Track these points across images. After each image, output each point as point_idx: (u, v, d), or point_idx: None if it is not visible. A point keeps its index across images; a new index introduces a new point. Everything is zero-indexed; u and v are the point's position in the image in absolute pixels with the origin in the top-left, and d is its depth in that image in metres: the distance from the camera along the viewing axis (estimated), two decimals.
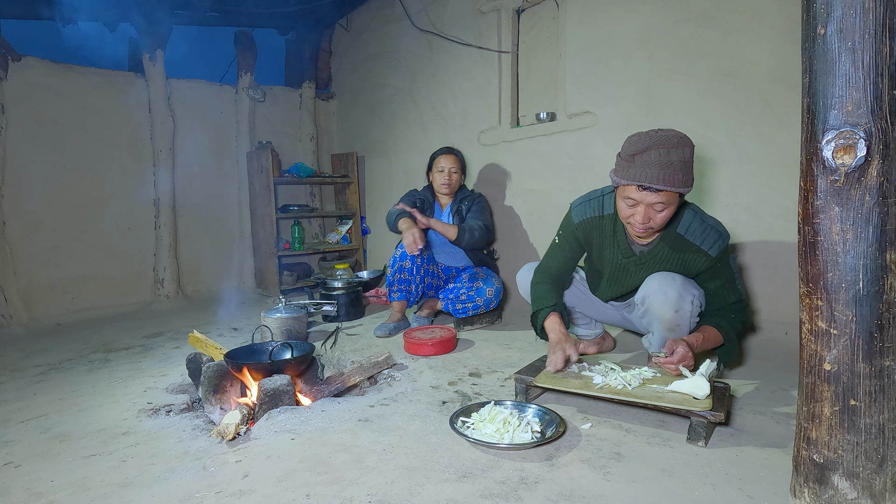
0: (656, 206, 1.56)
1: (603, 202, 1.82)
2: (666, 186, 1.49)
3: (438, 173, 2.91)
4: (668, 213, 1.58)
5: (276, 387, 1.73)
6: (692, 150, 1.52)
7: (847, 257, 0.93)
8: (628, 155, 1.54)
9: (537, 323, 1.90)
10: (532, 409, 1.59)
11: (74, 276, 3.54)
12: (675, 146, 1.48)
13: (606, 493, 1.20)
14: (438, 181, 2.91)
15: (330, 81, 4.75)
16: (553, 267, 1.98)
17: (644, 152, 1.50)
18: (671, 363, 1.58)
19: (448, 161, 2.90)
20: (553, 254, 1.98)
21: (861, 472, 0.96)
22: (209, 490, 1.26)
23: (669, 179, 1.48)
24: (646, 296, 1.78)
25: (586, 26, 2.87)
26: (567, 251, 1.94)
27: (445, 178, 2.89)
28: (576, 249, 1.94)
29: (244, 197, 4.26)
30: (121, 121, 3.68)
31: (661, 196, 1.52)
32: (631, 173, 1.53)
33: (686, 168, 1.50)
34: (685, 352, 1.58)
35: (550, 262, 1.99)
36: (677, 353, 1.58)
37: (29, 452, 1.52)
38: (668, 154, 1.47)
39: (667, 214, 1.58)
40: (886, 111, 0.89)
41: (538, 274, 2.00)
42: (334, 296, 3.12)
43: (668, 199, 1.54)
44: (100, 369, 2.34)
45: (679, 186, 1.50)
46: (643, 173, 1.50)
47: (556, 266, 1.98)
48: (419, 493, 1.22)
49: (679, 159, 1.48)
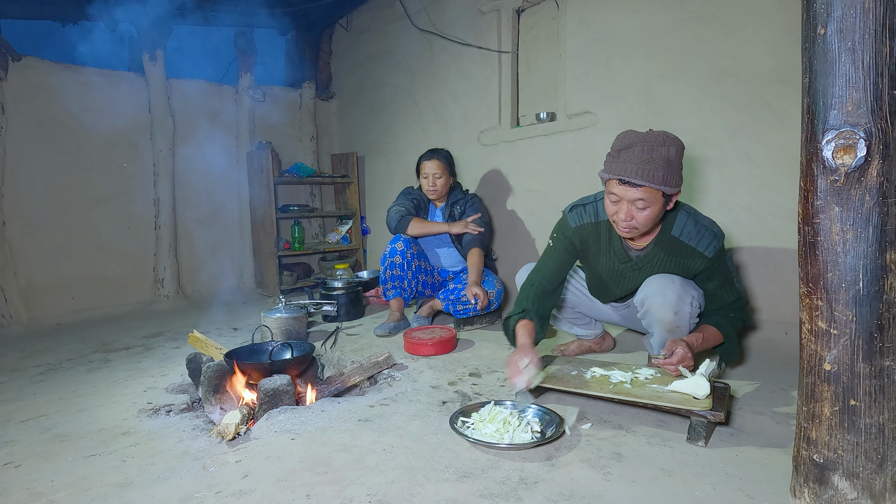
0: (637, 204, 1.55)
1: (597, 208, 1.80)
2: (644, 182, 1.48)
3: (423, 180, 2.88)
4: (650, 212, 1.56)
5: (276, 387, 1.73)
6: (679, 150, 1.51)
7: (847, 257, 0.93)
8: (615, 150, 1.56)
9: (509, 328, 1.88)
10: (532, 409, 1.59)
11: (74, 276, 3.54)
12: (659, 144, 1.49)
13: (606, 493, 1.20)
14: (424, 187, 2.90)
15: (330, 81, 4.75)
16: (545, 272, 1.94)
17: (629, 148, 1.51)
18: (671, 364, 1.58)
19: (431, 167, 2.84)
20: (547, 258, 1.95)
21: (861, 472, 0.96)
22: (209, 490, 1.26)
23: (649, 175, 1.48)
24: (645, 298, 1.78)
25: (586, 26, 2.87)
26: (562, 254, 1.91)
27: (430, 185, 2.86)
28: (570, 253, 1.91)
29: (244, 197, 4.26)
30: (121, 121, 3.68)
31: (641, 192, 1.52)
32: (614, 167, 1.54)
33: (669, 166, 1.49)
34: (684, 352, 1.58)
35: (543, 267, 1.95)
36: (676, 354, 1.58)
37: (29, 452, 1.52)
38: (652, 151, 1.48)
39: (649, 214, 1.56)
40: (886, 111, 0.89)
41: (529, 277, 1.97)
42: (334, 296, 3.12)
43: (649, 196, 1.53)
44: (100, 369, 2.34)
45: (659, 183, 1.49)
46: (623, 167, 1.51)
47: (548, 271, 1.93)
48: (419, 493, 1.22)
49: (662, 157, 1.48)
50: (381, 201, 4.35)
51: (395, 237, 2.81)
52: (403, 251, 2.75)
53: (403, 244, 2.77)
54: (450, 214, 2.91)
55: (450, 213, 2.91)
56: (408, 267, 2.77)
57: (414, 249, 2.81)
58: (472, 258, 2.77)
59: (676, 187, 1.53)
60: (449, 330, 2.48)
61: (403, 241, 2.78)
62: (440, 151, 2.91)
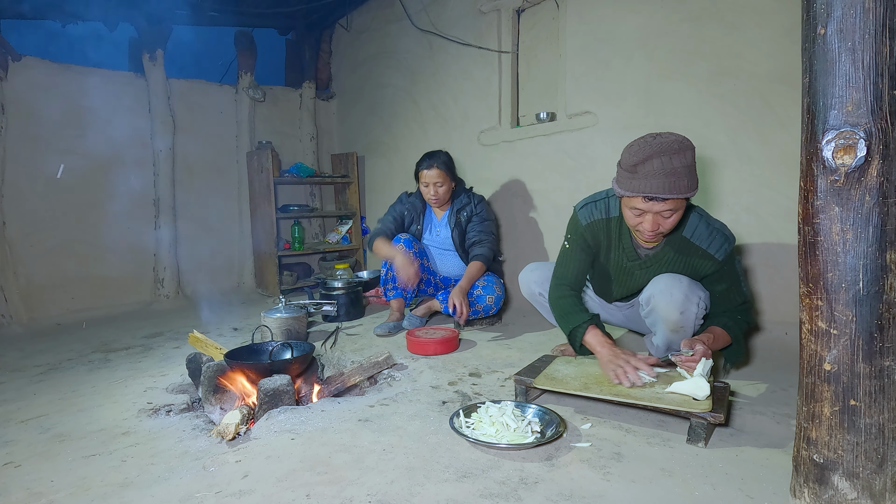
0: (664, 213, 1.55)
1: (608, 204, 1.80)
2: (673, 195, 1.47)
3: (424, 188, 2.81)
4: (676, 217, 1.57)
5: (276, 387, 1.73)
6: (693, 152, 1.51)
7: (847, 257, 0.93)
8: (630, 165, 1.51)
9: (576, 341, 1.84)
10: (532, 409, 1.59)
11: (74, 276, 3.54)
12: (676, 152, 1.46)
13: (606, 493, 1.20)
14: (425, 195, 2.84)
15: (330, 81, 4.75)
16: (571, 275, 1.92)
17: (646, 162, 1.48)
18: (693, 362, 1.57)
19: (431, 175, 2.75)
20: (566, 261, 1.92)
21: (861, 473, 0.96)
22: (209, 490, 1.26)
23: (675, 187, 1.47)
24: (651, 296, 1.78)
25: (586, 26, 2.87)
26: (580, 254, 1.89)
27: (432, 194, 2.79)
28: (588, 252, 1.90)
29: (244, 197, 4.26)
30: (121, 121, 3.68)
31: (668, 204, 1.51)
32: (635, 185, 1.50)
33: (690, 172, 1.49)
34: (705, 349, 1.58)
35: (566, 271, 1.92)
36: (698, 352, 1.57)
37: (29, 452, 1.52)
38: (671, 161, 1.46)
39: (675, 219, 1.58)
40: (886, 111, 0.89)
41: (557, 287, 1.93)
42: (334, 296, 3.12)
43: (676, 205, 1.53)
44: (100, 369, 2.34)
45: (685, 192, 1.48)
46: (648, 184, 1.48)
47: (573, 273, 1.92)
48: (419, 493, 1.22)
49: (682, 165, 1.47)
50: (381, 201, 4.35)
51: (396, 238, 2.79)
52: (405, 252, 2.73)
53: (405, 244, 2.74)
54: (456, 221, 2.84)
55: (456, 220, 2.85)
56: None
57: (416, 248, 2.79)
58: (471, 268, 2.72)
59: (696, 189, 1.53)
60: (452, 331, 2.48)
61: (405, 241, 2.75)
62: (439, 156, 2.79)
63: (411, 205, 2.91)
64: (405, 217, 2.92)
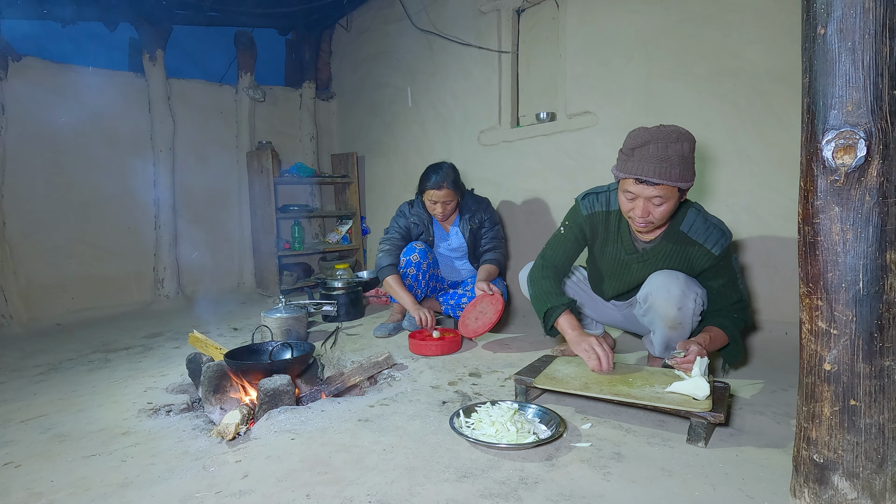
0: (654, 200, 1.57)
1: (609, 197, 1.83)
2: (662, 180, 1.50)
3: (431, 205, 2.71)
4: (666, 207, 1.59)
5: (276, 387, 1.73)
6: (692, 144, 1.53)
7: (847, 257, 0.93)
8: (628, 149, 1.57)
9: (549, 320, 1.86)
10: (532, 409, 1.59)
11: (74, 276, 3.54)
12: (673, 140, 1.50)
13: (606, 493, 1.20)
14: (432, 212, 2.75)
15: (330, 81, 4.75)
16: (558, 259, 1.96)
17: (643, 146, 1.52)
18: (688, 363, 1.58)
19: (440, 195, 2.64)
20: (557, 245, 1.95)
21: (861, 472, 0.96)
22: (209, 490, 1.26)
23: (666, 173, 1.50)
24: (649, 293, 1.78)
25: (586, 26, 2.87)
26: (572, 243, 1.93)
27: (440, 212, 2.70)
28: (580, 242, 1.94)
29: (244, 197, 4.26)
30: (121, 121, 3.68)
31: (658, 190, 1.54)
32: (629, 167, 1.55)
33: (684, 163, 1.51)
34: (699, 349, 1.59)
35: (555, 255, 1.96)
36: (692, 353, 1.58)
37: (29, 452, 1.52)
38: (667, 148, 1.50)
39: (666, 209, 1.59)
40: (886, 111, 0.89)
41: (543, 268, 1.96)
42: (334, 296, 3.12)
43: (666, 193, 1.55)
44: (100, 369, 2.34)
45: (676, 180, 1.51)
46: (640, 167, 1.52)
47: (560, 259, 1.96)
48: (419, 493, 1.22)
49: (676, 154, 1.50)
50: (381, 201, 4.35)
51: (410, 248, 2.71)
52: (419, 263, 2.70)
53: (419, 255, 2.70)
54: (469, 229, 2.79)
55: (469, 228, 2.79)
56: (423, 277, 2.74)
57: (430, 258, 2.76)
58: (488, 268, 2.71)
59: (691, 181, 1.55)
60: (454, 332, 2.48)
61: (419, 253, 2.70)
62: (446, 174, 2.65)
63: (417, 217, 2.83)
64: (412, 230, 2.84)
